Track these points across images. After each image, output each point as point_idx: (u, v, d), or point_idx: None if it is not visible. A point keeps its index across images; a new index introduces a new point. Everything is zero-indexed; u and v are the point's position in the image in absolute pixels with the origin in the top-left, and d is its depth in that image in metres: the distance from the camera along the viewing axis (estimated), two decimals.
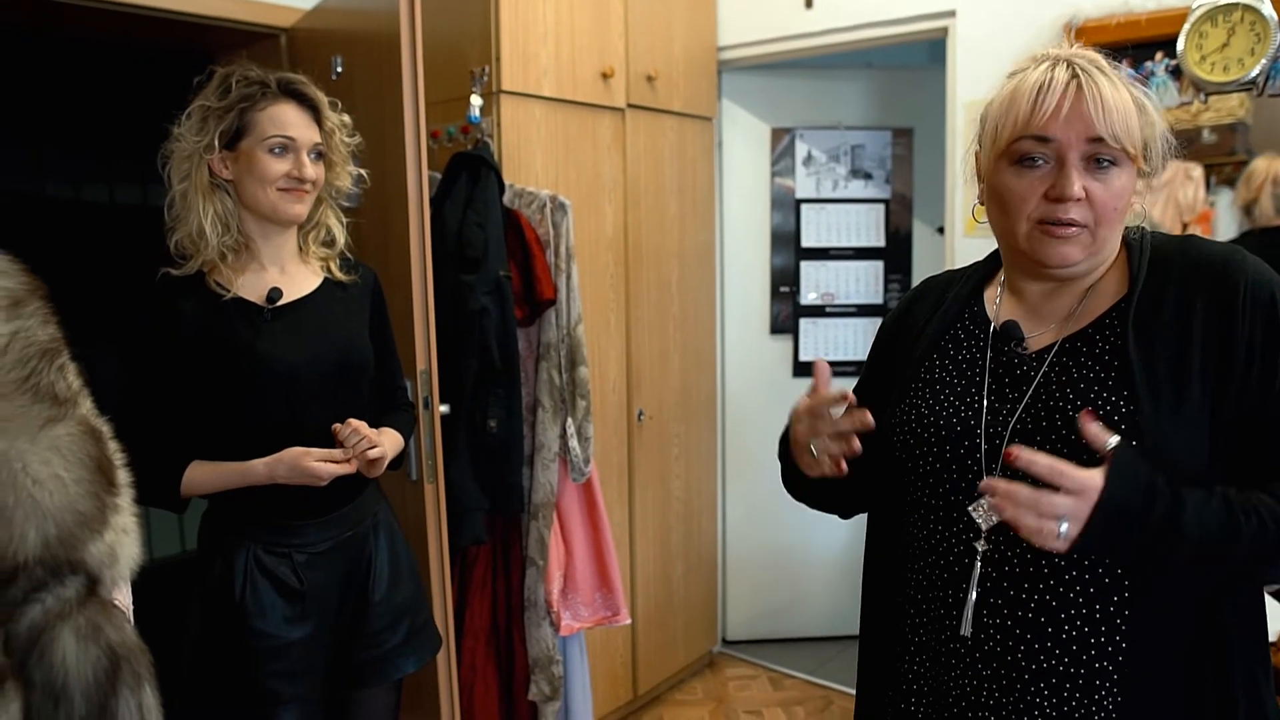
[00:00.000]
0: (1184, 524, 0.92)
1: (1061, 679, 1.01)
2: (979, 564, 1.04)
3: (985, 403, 1.08)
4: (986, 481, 0.95)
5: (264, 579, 1.57)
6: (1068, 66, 1.01)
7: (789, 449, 1.15)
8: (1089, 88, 0.99)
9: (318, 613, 1.61)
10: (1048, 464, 0.91)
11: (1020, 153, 1.02)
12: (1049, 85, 1.00)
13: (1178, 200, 2.62)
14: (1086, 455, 0.97)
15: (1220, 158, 2.53)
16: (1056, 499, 0.90)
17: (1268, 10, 2.13)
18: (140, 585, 1.07)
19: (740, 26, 3.17)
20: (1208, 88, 2.25)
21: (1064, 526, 0.91)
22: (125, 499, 0.96)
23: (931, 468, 1.09)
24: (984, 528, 1.04)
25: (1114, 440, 0.93)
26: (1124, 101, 1.01)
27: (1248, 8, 2.15)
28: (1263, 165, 2.43)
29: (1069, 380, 1.03)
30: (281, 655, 1.57)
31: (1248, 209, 2.48)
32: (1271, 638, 1.30)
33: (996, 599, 1.04)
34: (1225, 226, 2.56)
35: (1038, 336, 1.09)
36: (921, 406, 1.12)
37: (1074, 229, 1.02)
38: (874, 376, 1.27)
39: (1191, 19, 2.23)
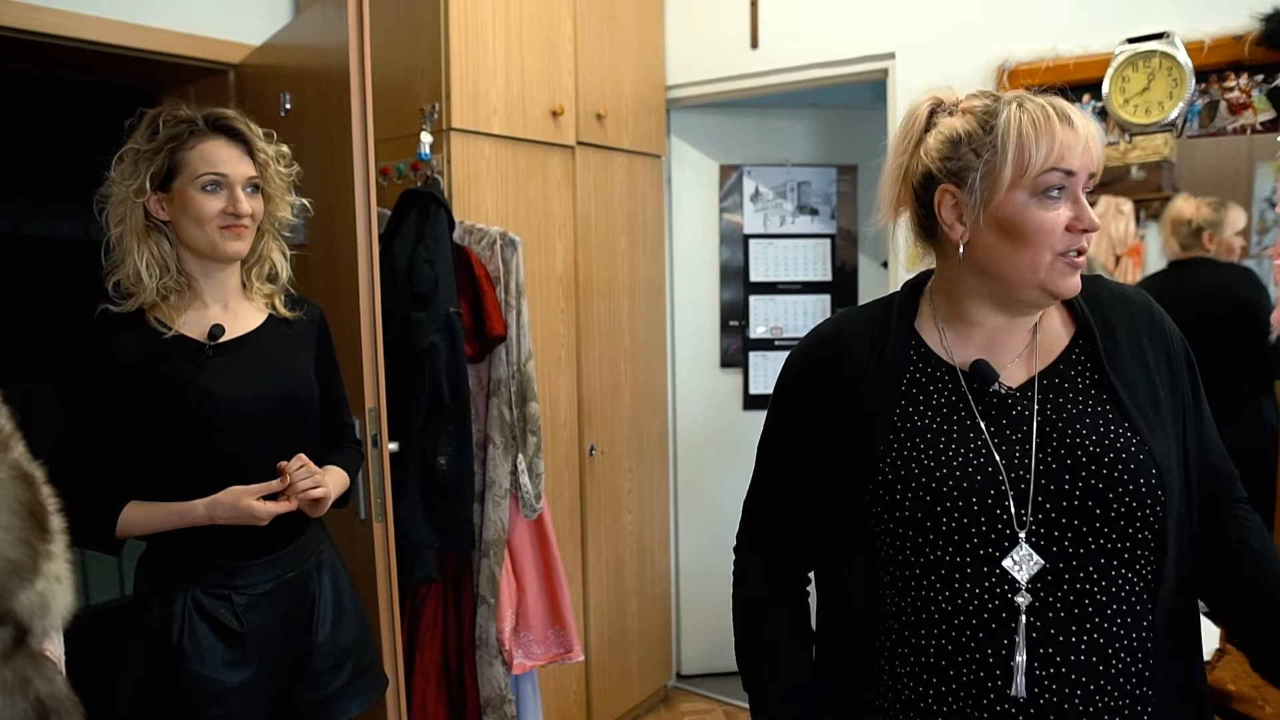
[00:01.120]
0: None
1: (1113, 714, 1.00)
2: (1024, 617, 0.99)
3: (994, 448, 1.05)
4: None
5: (203, 622, 1.54)
6: (1074, 107, 1.04)
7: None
8: (1090, 125, 1.03)
9: (259, 655, 1.58)
10: None
11: (1047, 184, 1.01)
12: (1070, 121, 1.01)
13: (1110, 234, 2.73)
14: (1120, 489, 1.00)
15: (1148, 193, 2.64)
16: None
17: (1183, 58, 2.25)
18: (78, 632, 1.04)
19: (688, 66, 3.24)
20: (1132, 129, 2.36)
21: None
22: (59, 546, 0.93)
23: (957, 523, 1.02)
24: (1023, 581, 1.00)
25: None
26: None
27: (1165, 55, 2.27)
28: (1173, 206, 2.55)
29: (1070, 416, 1.04)
30: (221, 700, 1.53)
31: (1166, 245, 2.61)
32: (1206, 656, 1.34)
33: (1047, 648, 1.00)
34: (1154, 258, 2.67)
35: (1005, 374, 1.09)
36: (923, 459, 1.05)
37: (1082, 258, 1.05)
38: (799, 426, 1.18)
39: (1115, 64, 2.34)
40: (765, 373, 3.51)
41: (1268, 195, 2.41)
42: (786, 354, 3.89)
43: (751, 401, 3.51)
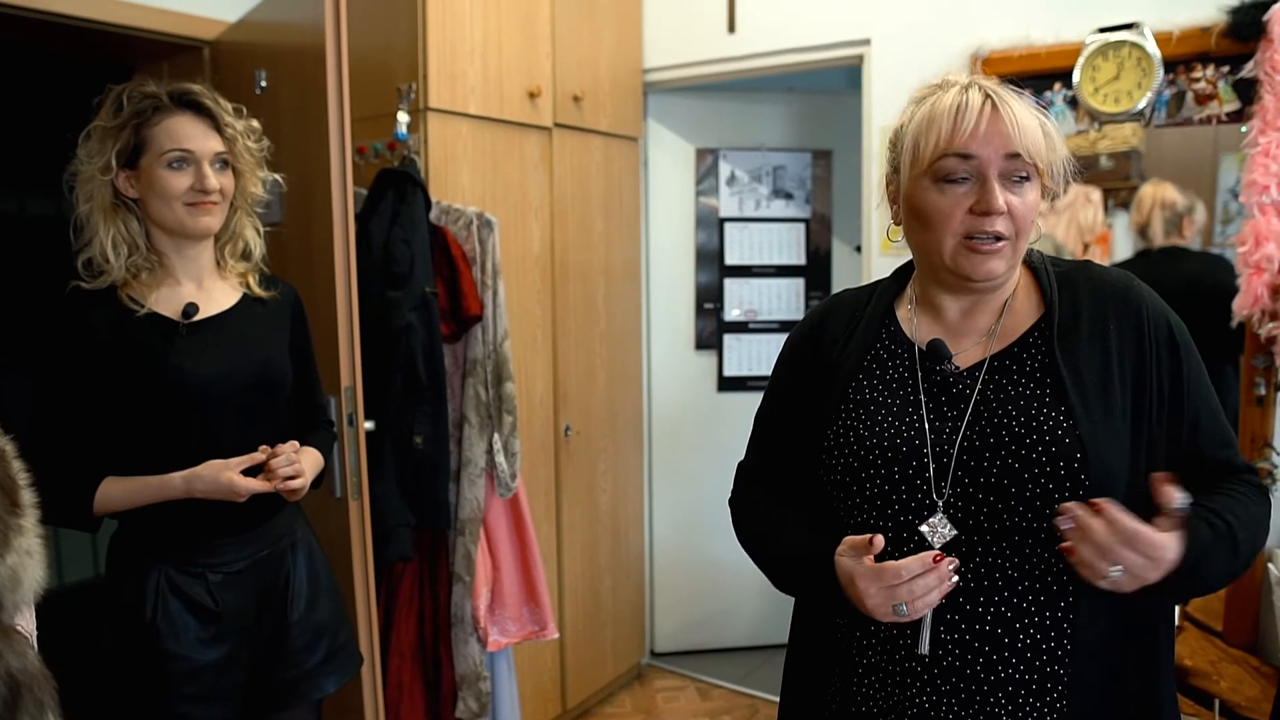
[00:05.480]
0: (1208, 568, 1.00)
1: (1017, 687, 1.04)
2: None
3: (927, 422, 1.10)
4: (1069, 506, 0.96)
5: (176, 600, 1.54)
6: (979, 90, 1.07)
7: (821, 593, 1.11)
8: (1003, 108, 1.06)
9: (233, 633, 1.59)
10: (1131, 528, 0.93)
11: (944, 171, 1.06)
12: (966, 106, 1.06)
13: (1079, 222, 2.77)
14: (1035, 469, 1.02)
15: (1117, 182, 2.68)
16: (1127, 554, 0.94)
17: (1151, 48, 2.28)
18: (51, 610, 1.05)
19: (665, 49, 3.24)
20: (1101, 117, 2.40)
21: (1116, 572, 0.94)
22: (30, 520, 0.94)
23: (879, 490, 1.09)
24: (936, 546, 1.04)
25: (1183, 500, 0.95)
26: (1033, 121, 1.08)
27: (1134, 45, 2.30)
28: (1149, 191, 2.59)
29: (1006, 397, 1.08)
30: (195, 678, 1.54)
31: (1142, 231, 2.64)
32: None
33: (952, 615, 1.05)
34: (1122, 246, 2.72)
35: (962, 354, 1.13)
36: (859, 428, 1.12)
37: (1000, 243, 1.06)
38: (787, 396, 1.26)
39: (1085, 53, 2.37)
40: (739, 355, 3.54)
41: (1231, 185, 2.46)
42: (760, 336, 3.90)
43: (726, 383, 3.54)
